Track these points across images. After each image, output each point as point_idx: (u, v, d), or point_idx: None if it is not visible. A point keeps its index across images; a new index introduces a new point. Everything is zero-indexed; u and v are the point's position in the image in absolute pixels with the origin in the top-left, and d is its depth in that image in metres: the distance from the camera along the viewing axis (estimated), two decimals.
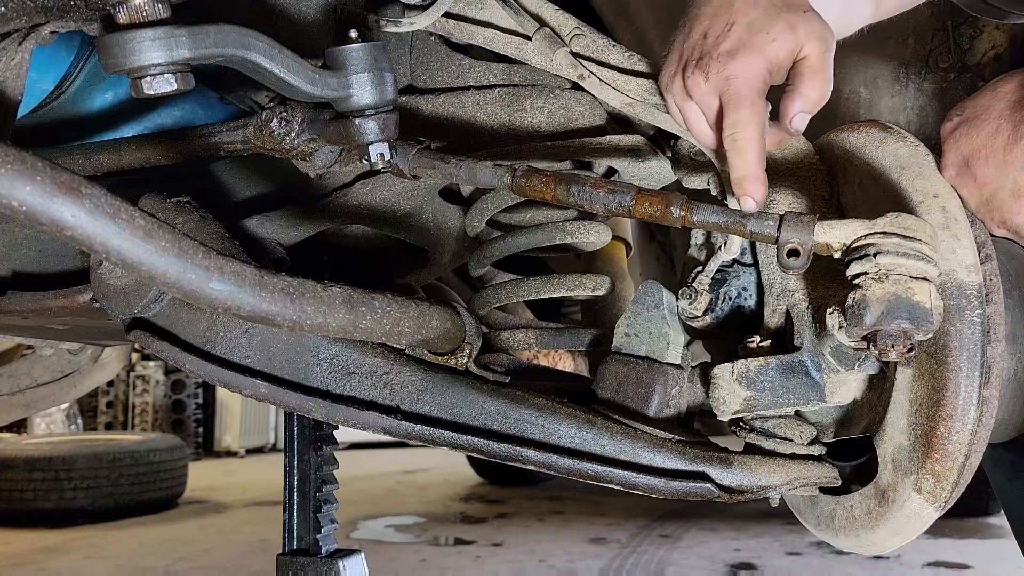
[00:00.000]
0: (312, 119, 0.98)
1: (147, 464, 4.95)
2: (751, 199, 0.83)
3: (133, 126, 1.18)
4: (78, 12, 0.83)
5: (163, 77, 0.76)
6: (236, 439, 7.53)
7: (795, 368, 0.93)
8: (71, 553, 4.15)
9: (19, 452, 4.82)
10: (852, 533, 0.97)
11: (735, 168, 0.84)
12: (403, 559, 3.98)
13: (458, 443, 0.97)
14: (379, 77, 0.90)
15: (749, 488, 0.94)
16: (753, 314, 1.01)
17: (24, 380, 1.93)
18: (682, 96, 0.89)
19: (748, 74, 0.83)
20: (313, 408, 0.99)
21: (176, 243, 0.74)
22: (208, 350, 1.00)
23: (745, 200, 0.84)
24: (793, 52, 0.85)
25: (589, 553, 3.99)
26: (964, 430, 0.86)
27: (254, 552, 4.01)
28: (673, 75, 0.89)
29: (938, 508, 0.89)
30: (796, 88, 0.85)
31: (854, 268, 0.82)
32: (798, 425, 0.97)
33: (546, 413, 0.97)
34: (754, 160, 0.83)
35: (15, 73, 0.87)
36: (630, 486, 0.94)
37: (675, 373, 1.01)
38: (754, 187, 0.83)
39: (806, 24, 0.85)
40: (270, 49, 0.83)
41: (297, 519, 1.32)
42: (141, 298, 0.99)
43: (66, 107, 1.12)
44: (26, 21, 0.79)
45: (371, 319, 0.83)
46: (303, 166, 1.05)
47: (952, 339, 0.86)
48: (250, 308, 0.77)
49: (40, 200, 0.69)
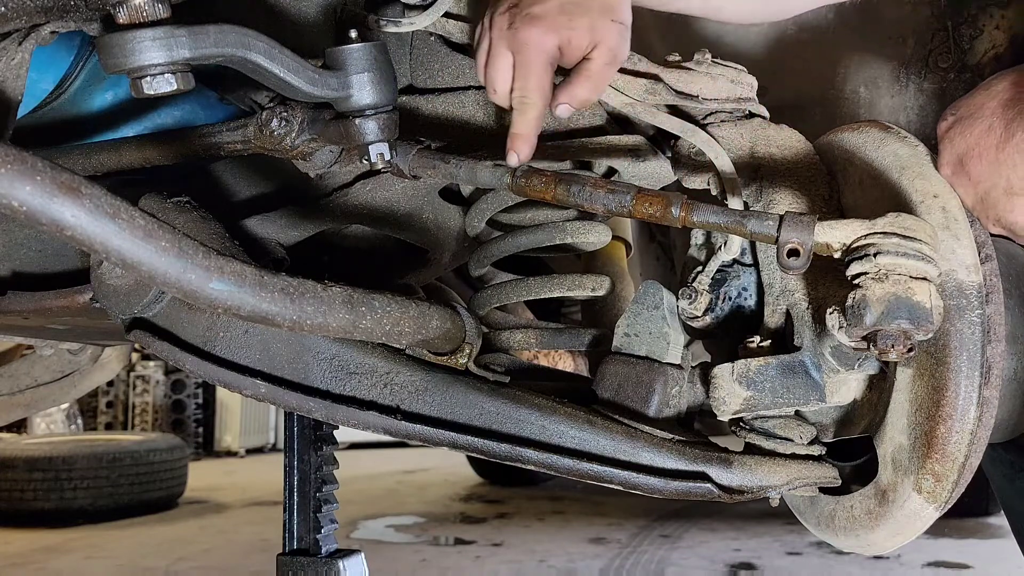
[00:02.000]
0: (312, 119, 0.98)
1: (147, 464, 4.95)
2: (516, 155, 0.95)
3: (133, 126, 1.18)
4: (78, 12, 0.83)
5: (163, 77, 0.76)
6: (236, 439, 7.53)
7: (795, 368, 0.93)
8: (71, 553, 4.15)
9: (19, 452, 4.82)
10: (852, 533, 0.97)
11: (515, 124, 0.95)
12: (403, 559, 3.98)
13: (458, 443, 0.97)
14: (379, 77, 0.90)
15: (749, 488, 0.94)
16: (753, 314, 1.01)
17: (24, 380, 1.93)
18: (500, 39, 0.94)
19: (540, 46, 0.92)
20: (313, 408, 0.99)
21: (176, 243, 0.74)
22: (208, 350, 1.00)
23: (511, 155, 0.95)
24: (583, 49, 0.93)
25: (589, 553, 3.99)
26: (964, 430, 0.86)
27: (254, 552, 4.01)
28: (503, 12, 0.95)
29: (938, 508, 0.89)
30: (570, 82, 0.95)
31: (854, 268, 0.82)
32: (798, 425, 0.97)
33: (546, 413, 0.97)
34: (532, 123, 0.95)
35: (15, 73, 0.87)
36: (630, 486, 0.94)
37: (675, 373, 1.01)
38: (523, 147, 0.95)
39: (606, 32, 0.93)
40: (270, 49, 0.83)
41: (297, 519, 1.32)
42: (141, 298, 0.99)
43: (66, 107, 1.11)
44: (26, 21, 0.79)
45: (371, 319, 0.83)
46: (303, 166, 1.05)
47: (952, 339, 0.86)
48: (250, 308, 0.77)
49: (40, 200, 0.69)
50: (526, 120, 0.95)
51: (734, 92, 1.02)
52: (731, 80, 1.02)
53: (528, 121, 0.95)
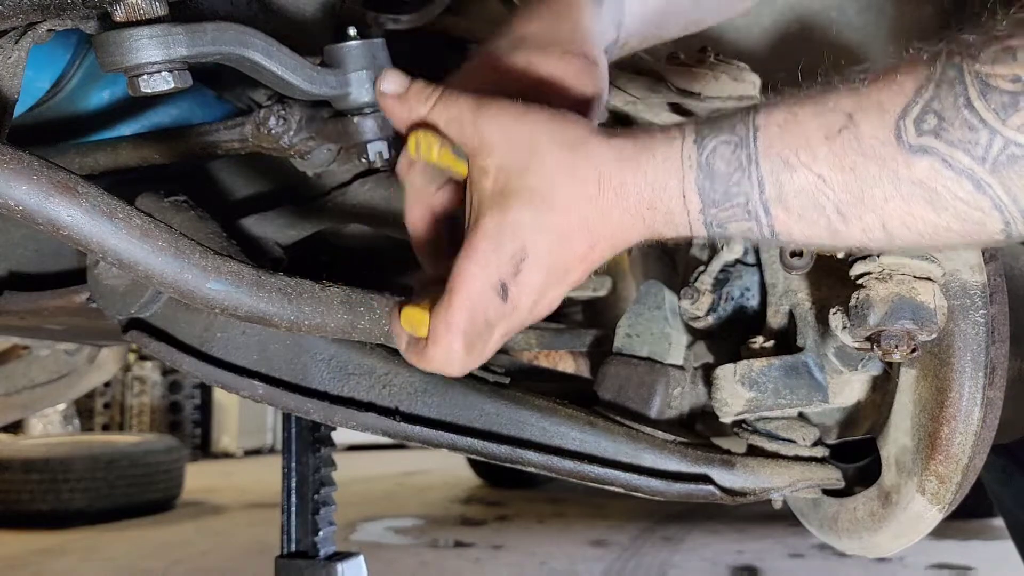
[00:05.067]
0: (310, 117, 0.97)
1: (144, 466, 4.94)
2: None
3: (130, 124, 1.17)
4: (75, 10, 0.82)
5: (160, 75, 0.75)
6: (234, 440, 7.53)
7: (798, 369, 0.92)
8: (68, 555, 4.14)
9: (16, 453, 4.82)
10: (855, 535, 0.96)
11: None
12: (402, 561, 3.97)
13: (458, 445, 0.97)
14: (378, 75, 0.89)
15: (752, 490, 0.93)
16: (756, 314, 1.01)
17: (20, 381, 1.93)
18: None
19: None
20: (311, 409, 0.98)
21: (173, 243, 0.74)
22: (205, 351, 1.00)
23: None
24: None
25: (590, 555, 3.99)
26: (968, 431, 0.85)
27: (252, 554, 4.00)
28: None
29: (942, 510, 0.89)
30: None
31: (858, 268, 0.82)
32: (801, 426, 0.96)
33: (547, 414, 0.96)
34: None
35: (12, 71, 0.86)
36: (632, 488, 0.94)
37: (677, 374, 1.01)
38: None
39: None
40: (268, 47, 0.82)
41: (295, 521, 1.31)
42: (138, 298, 0.98)
43: (63, 105, 1.11)
44: (23, 19, 0.79)
45: (370, 319, 0.83)
46: (301, 165, 1.05)
47: (956, 339, 0.85)
48: (247, 308, 0.76)
49: (36, 199, 0.68)
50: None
51: (736, 90, 1.01)
52: (733, 78, 1.01)
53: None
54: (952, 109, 0.55)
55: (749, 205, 0.61)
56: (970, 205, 0.56)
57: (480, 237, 0.65)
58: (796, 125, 0.60)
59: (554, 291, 0.68)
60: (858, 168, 0.57)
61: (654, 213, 0.63)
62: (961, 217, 0.57)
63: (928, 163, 0.56)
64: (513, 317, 0.67)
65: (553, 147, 0.64)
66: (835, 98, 0.59)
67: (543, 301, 0.68)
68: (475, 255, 0.65)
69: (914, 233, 0.59)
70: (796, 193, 0.59)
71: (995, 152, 0.54)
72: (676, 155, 0.62)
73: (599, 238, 0.65)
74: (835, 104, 0.59)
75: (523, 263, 0.65)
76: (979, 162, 0.54)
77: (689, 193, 0.62)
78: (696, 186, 0.62)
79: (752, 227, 0.62)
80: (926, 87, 0.56)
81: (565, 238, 0.65)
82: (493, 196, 0.65)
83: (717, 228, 0.63)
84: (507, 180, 0.65)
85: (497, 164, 0.65)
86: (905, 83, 0.57)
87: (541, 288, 0.66)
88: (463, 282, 0.65)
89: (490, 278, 0.65)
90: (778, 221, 0.61)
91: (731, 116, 0.63)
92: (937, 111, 0.55)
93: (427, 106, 0.70)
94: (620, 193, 0.63)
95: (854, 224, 0.59)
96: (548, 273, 0.66)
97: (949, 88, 0.55)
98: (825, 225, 0.60)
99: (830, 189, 0.59)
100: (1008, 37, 0.54)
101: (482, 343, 0.68)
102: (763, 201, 0.60)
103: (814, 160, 0.59)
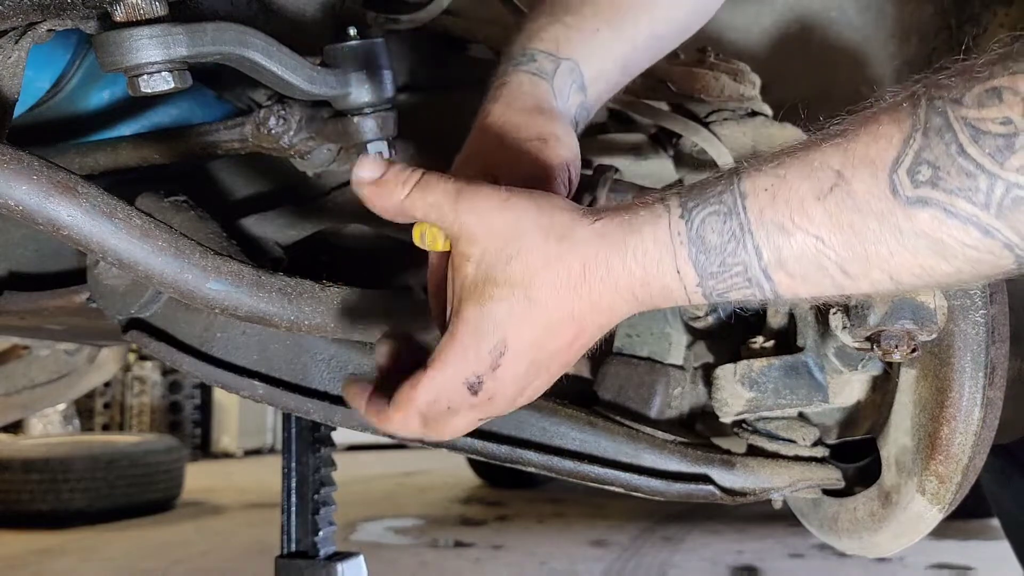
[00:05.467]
0: (310, 117, 0.97)
1: (144, 466, 4.94)
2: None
3: (130, 125, 1.17)
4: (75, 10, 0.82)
5: (160, 75, 0.75)
6: (233, 440, 7.52)
7: (798, 369, 0.92)
8: (67, 555, 4.14)
9: (16, 453, 4.82)
10: (855, 535, 0.96)
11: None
12: (402, 562, 3.97)
13: (457, 445, 0.97)
14: (378, 75, 0.89)
15: (752, 490, 0.93)
16: (756, 315, 1.01)
17: (21, 381, 1.93)
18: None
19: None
20: (311, 409, 0.98)
21: (173, 243, 0.74)
22: (205, 351, 1.00)
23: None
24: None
25: (590, 556, 3.99)
26: (968, 431, 0.85)
27: (252, 555, 4.00)
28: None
29: (942, 510, 0.89)
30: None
31: None
32: (801, 427, 0.96)
33: (547, 414, 0.96)
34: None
35: (12, 71, 0.86)
36: (632, 488, 0.94)
37: (677, 374, 1.01)
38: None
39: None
40: (268, 47, 0.82)
41: (295, 521, 1.31)
42: (138, 298, 0.98)
43: (63, 105, 1.11)
44: (23, 19, 0.79)
45: (370, 319, 0.83)
46: (301, 164, 1.05)
47: (956, 339, 0.85)
48: (247, 308, 0.76)
49: (37, 199, 0.68)
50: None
51: (736, 90, 1.01)
52: (733, 78, 1.01)
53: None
54: (946, 157, 0.53)
55: (749, 273, 0.60)
56: (980, 250, 0.55)
57: (460, 326, 0.64)
58: (785, 188, 0.58)
59: (539, 380, 0.66)
60: (856, 225, 0.56)
61: (648, 290, 0.62)
62: (972, 261, 0.56)
63: (929, 214, 0.54)
64: (489, 407, 0.66)
65: (538, 238, 0.63)
66: (819, 156, 0.57)
67: (528, 390, 0.67)
68: (454, 345, 0.64)
69: (925, 281, 0.58)
70: (796, 258, 0.58)
71: (998, 197, 0.53)
72: (664, 232, 0.61)
73: (586, 325, 0.64)
74: (821, 162, 0.57)
75: (502, 357, 0.64)
76: (983, 208, 0.53)
77: (684, 268, 0.61)
78: (690, 260, 0.60)
79: (755, 293, 0.61)
80: (913, 136, 0.54)
81: (549, 330, 0.64)
82: (475, 284, 0.64)
83: (718, 297, 0.62)
84: (489, 269, 0.64)
85: (480, 252, 0.64)
86: (890, 134, 0.55)
87: (523, 380, 0.65)
88: (437, 368, 0.65)
89: (463, 372, 0.64)
90: (781, 286, 0.60)
91: (714, 184, 0.61)
92: (930, 161, 0.54)
93: (404, 191, 0.68)
94: (606, 279, 0.62)
95: (861, 280, 0.58)
96: (531, 365, 0.65)
97: (938, 136, 0.54)
98: (831, 284, 0.59)
99: (830, 249, 0.57)
100: (989, 78, 0.53)
101: (442, 423, 0.67)
102: (763, 268, 0.59)
103: (810, 222, 0.57)
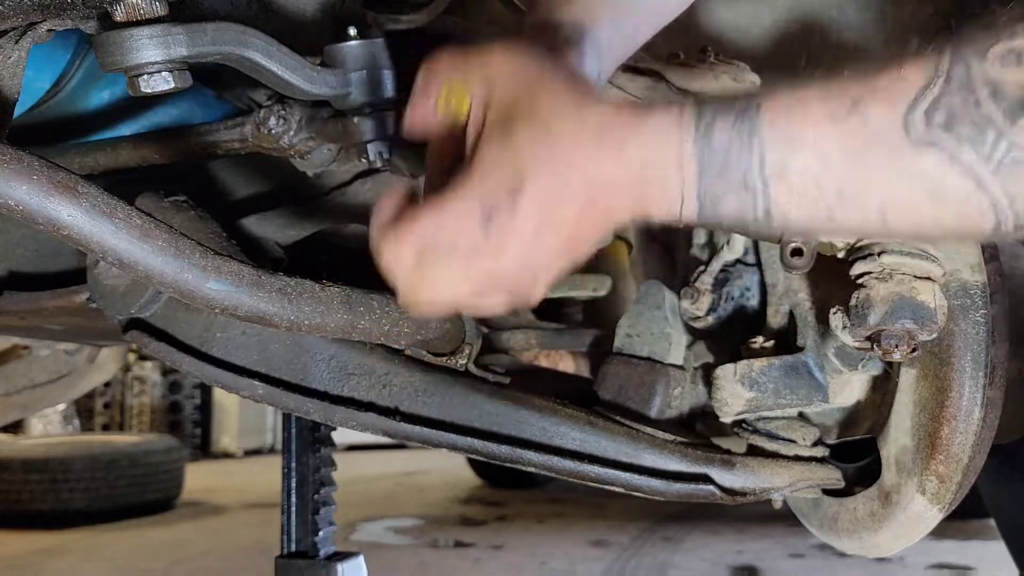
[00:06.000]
0: (310, 117, 0.97)
1: (144, 466, 4.94)
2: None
3: (130, 125, 1.17)
4: (75, 10, 0.82)
5: (160, 75, 0.75)
6: (234, 440, 7.52)
7: (798, 369, 0.92)
8: (68, 555, 4.14)
9: (16, 453, 4.81)
10: (855, 535, 0.96)
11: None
12: (402, 562, 3.97)
13: (458, 445, 0.97)
14: (378, 75, 0.89)
15: (752, 490, 0.93)
16: (756, 314, 1.01)
17: (20, 381, 1.92)
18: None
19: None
20: (311, 409, 0.98)
21: (173, 242, 0.73)
22: (205, 351, 0.99)
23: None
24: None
25: (590, 556, 3.99)
26: (968, 431, 0.85)
27: (252, 554, 4.00)
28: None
29: (942, 510, 0.89)
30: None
31: (858, 267, 0.81)
32: (801, 426, 0.96)
33: (547, 414, 0.96)
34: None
35: (12, 71, 0.86)
36: (632, 488, 0.93)
37: (677, 374, 1.01)
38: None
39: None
40: (268, 47, 0.82)
41: (295, 521, 1.31)
42: (138, 298, 0.98)
43: (63, 105, 1.11)
44: (23, 19, 0.79)
45: (370, 319, 0.82)
46: (301, 164, 1.05)
47: (956, 339, 0.85)
48: (247, 308, 0.76)
49: (37, 199, 0.68)
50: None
51: (737, 90, 1.01)
52: (733, 78, 1.01)
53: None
54: (962, 106, 0.55)
55: (748, 178, 0.59)
56: (969, 204, 0.56)
57: (479, 159, 0.61)
58: (802, 106, 0.59)
59: (547, 253, 0.61)
60: (864, 152, 0.57)
61: (648, 178, 0.61)
62: (959, 213, 0.57)
63: (936, 157, 0.55)
64: (493, 260, 0.61)
65: (561, 85, 0.62)
66: (839, 86, 0.59)
67: (532, 259, 0.61)
68: (471, 173, 0.61)
69: (910, 223, 0.59)
70: (799, 171, 0.58)
71: (1000, 153, 0.54)
72: (674, 122, 0.60)
73: (596, 194, 0.61)
74: (841, 91, 0.58)
75: (518, 195, 0.59)
76: (984, 161, 0.55)
77: (686, 161, 0.60)
78: (694, 154, 0.60)
79: (748, 203, 0.60)
80: (935, 82, 0.56)
81: (565, 176, 0.60)
82: (496, 124, 0.61)
83: (710, 203, 0.60)
84: (513, 108, 0.61)
85: (502, 94, 0.62)
86: (913, 76, 0.57)
87: (532, 236, 0.60)
88: (453, 191, 0.61)
89: (479, 199, 0.60)
90: (777, 199, 0.59)
91: (732, 98, 0.63)
92: (947, 106, 0.55)
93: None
94: (620, 147, 0.60)
95: (852, 208, 0.59)
96: (541, 216, 0.60)
97: (959, 86, 0.55)
98: (824, 207, 0.59)
99: (834, 170, 0.58)
100: (1011, 38, 0.55)
101: (435, 269, 0.62)
102: (763, 176, 0.59)
103: (819, 140, 0.58)
